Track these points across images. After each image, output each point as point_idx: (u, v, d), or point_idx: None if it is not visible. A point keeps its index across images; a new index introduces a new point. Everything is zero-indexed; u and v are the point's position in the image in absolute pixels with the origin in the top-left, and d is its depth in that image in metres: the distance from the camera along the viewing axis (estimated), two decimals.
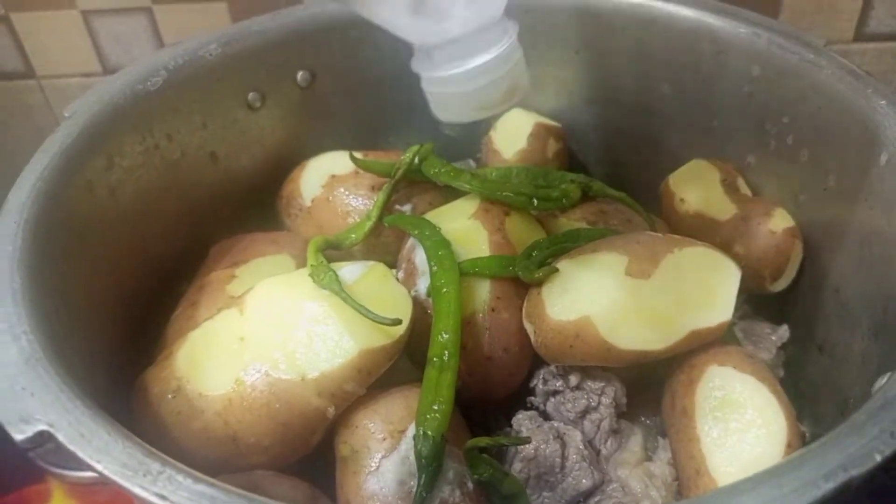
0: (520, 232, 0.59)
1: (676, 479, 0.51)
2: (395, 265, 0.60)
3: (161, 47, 0.91)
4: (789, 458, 0.36)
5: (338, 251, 0.60)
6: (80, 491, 0.63)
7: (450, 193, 0.64)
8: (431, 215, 0.60)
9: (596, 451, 0.52)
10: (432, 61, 0.49)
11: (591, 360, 0.51)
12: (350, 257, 0.58)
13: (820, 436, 0.37)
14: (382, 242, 0.63)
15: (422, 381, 0.49)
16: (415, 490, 0.45)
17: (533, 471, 0.50)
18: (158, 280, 0.62)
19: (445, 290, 0.52)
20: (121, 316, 0.57)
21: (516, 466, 0.51)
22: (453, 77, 0.49)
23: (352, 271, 0.52)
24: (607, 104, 0.74)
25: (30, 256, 0.47)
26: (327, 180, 0.66)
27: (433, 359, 0.49)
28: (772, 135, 0.64)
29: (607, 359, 0.51)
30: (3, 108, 0.96)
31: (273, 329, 0.49)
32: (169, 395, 0.49)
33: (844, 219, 0.57)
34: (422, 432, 0.46)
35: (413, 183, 0.64)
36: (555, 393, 0.54)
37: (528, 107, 0.76)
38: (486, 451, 0.49)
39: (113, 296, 0.56)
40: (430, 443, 0.45)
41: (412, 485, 0.46)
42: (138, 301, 0.60)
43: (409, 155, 0.63)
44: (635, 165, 0.75)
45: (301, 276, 0.52)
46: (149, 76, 0.62)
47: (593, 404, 0.53)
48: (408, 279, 0.57)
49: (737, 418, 0.48)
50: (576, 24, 0.71)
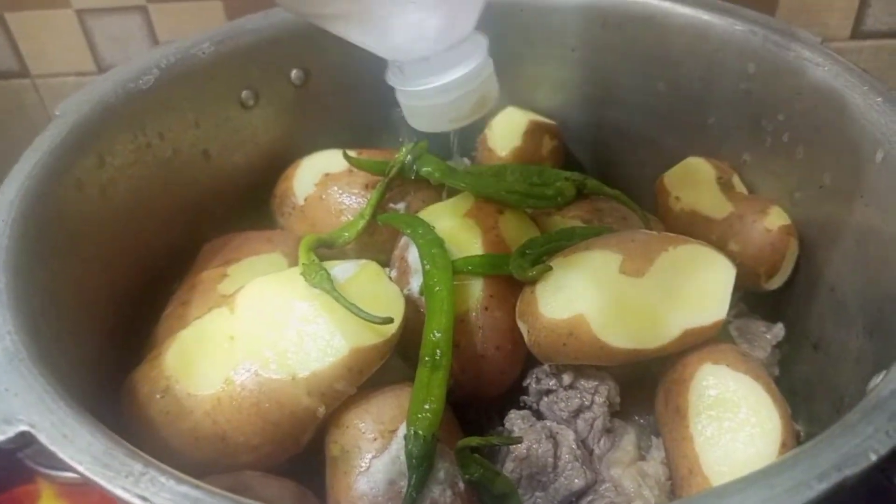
0: (514, 230, 0.59)
1: (670, 479, 0.51)
2: (388, 264, 0.60)
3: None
4: (782, 457, 0.36)
5: (331, 250, 0.60)
6: (70, 492, 0.63)
7: (444, 192, 0.63)
8: (425, 214, 0.60)
9: (589, 451, 0.52)
10: (405, 76, 0.49)
11: (585, 358, 0.51)
12: (343, 256, 0.58)
13: (815, 435, 0.36)
14: (376, 241, 0.63)
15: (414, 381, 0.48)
16: (405, 490, 0.45)
17: (525, 470, 0.50)
18: (150, 279, 0.62)
19: (438, 289, 0.52)
20: (111, 315, 0.57)
21: (508, 466, 0.50)
22: (425, 91, 0.49)
23: (344, 270, 0.52)
24: (602, 102, 0.74)
25: (17, 256, 0.46)
26: (321, 179, 0.66)
27: (425, 358, 0.49)
28: (767, 132, 0.64)
29: (601, 357, 0.50)
30: None
31: (264, 328, 0.49)
32: (158, 395, 0.49)
33: (840, 217, 0.56)
34: (413, 432, 0.45)
35: (407, 181, 0.64)
36: (548, 392, 0.53)
37: (523, 104, 0.75)
38: (478, 451, 0.48)
39: (103, 295, 0.56)
40: (421, 442, 0.45)
41: (402, 485, 0.45)
42: (129, 300, 0.59)
43: (402, 153, 0.63)
44: (630, 163, 0.74)
45: (292, 275, 0.51)
46: (141, 75, 0.61)
47: (586, 403, 0.52)
48: (401, 278, 0.57)
49: (731, 417, 0.48)
50: (571, 21, 0.71)
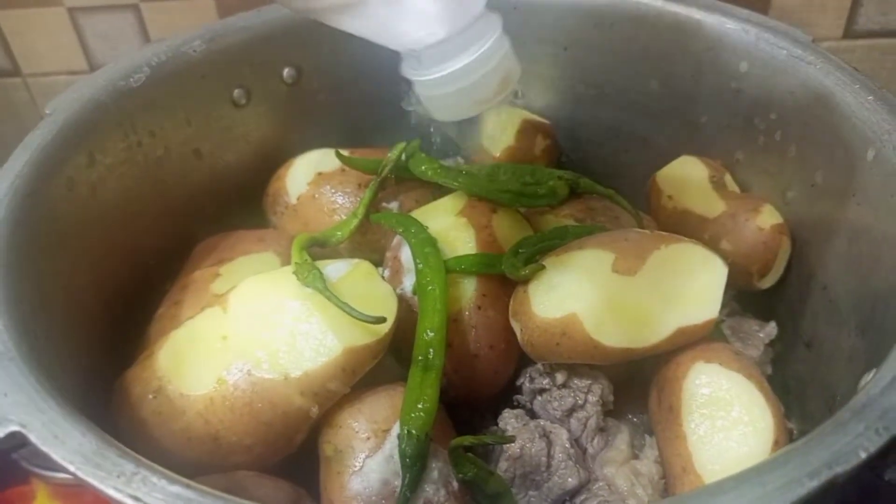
0: (507, 229, 0.59)
1: (663, 477, 0.51)
2: (381, 263, 0.60)
3: None
4: (774, 455, 0.36)
5: (324, 249, 0.60)
6: (64, 492, 0.62)
7: (437, 191, 0.63)
8: (418, 213, 0.60)
9: (582, 450, 0.52)
10: (423, 65, 0.49)
11: (578, 357, 0.51)
12: (336, 255, 0.58)
13: (808, 433, 0.37)
14: (369, 240, 0.63)
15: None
16: (399, 490, 0.45)
17: (518, 470, 0.50)
18: (141, 279, 0.62)
19: (431, 288, 0.52)
20: (102, 315, 0.56)
21: (502, 465, 0.50)
22: (448, 76, 0.48)
23: (336, 269, 0.52)
24: (595, 101, 0.74)
25: (7, 255, 0.46)
26: (314, 178, 0.66)
27: (418, 357, 0.49)
28: (760, 131, 0.64)
29: (594, 356, 0.50)
30: None
31: (256, 328, 0.49)
32: (150, 396, 0.48)
33: (832, 215, 0.57)
34: (406, 431, 0.45)
35: (400, 180, 0.64)
36: (541, 391, 0.53)
37: (516, 103, 0.75)
38: (472, 450, 0.48)
39: (94, 294, 0.56)
40: (415, 442, 0.45)
41: (396, 484, 0.45)
42: (120, 300, 0.59)
43: (395, 152, 0.63)
44: (623, 162, 0.74)
45: (285, 275, 0.51)
46: (131, 73, 0.61)
47: (580, 402, 0.52)
48: (394, 277, 0.57)
49: (723, 416, 0.48)
50: (564, 20, 0.71)
